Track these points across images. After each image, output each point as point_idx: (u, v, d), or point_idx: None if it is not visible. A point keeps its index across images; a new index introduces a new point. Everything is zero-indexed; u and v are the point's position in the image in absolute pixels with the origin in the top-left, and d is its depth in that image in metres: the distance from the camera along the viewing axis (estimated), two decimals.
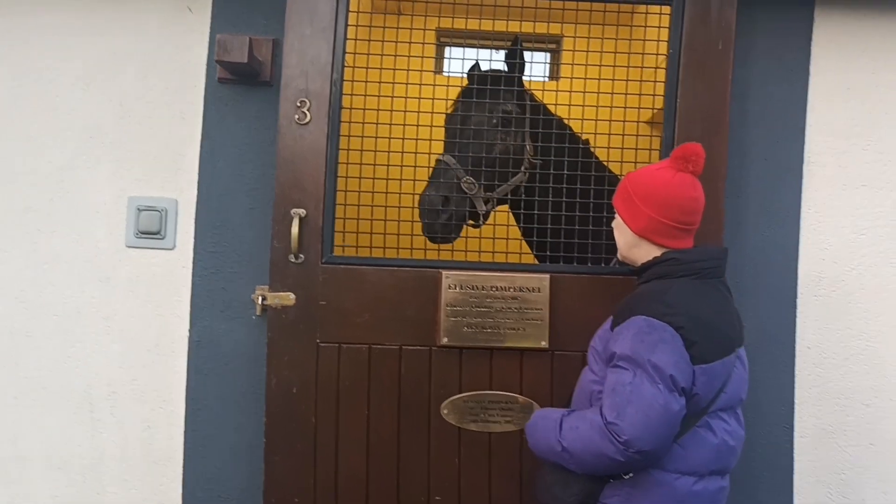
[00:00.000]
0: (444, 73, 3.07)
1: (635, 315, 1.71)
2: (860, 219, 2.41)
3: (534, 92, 2.47)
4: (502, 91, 2.32)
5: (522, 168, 2.35)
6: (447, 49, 3.27)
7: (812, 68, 2.40)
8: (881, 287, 2.41)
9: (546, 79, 3.31)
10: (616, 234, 1.92)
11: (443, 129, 2.41)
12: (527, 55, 2.43)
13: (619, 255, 1.94)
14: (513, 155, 2.34)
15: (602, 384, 1.75)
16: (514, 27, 2.33)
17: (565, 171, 2.28)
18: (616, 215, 1.91)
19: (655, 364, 1.63)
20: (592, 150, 2.38)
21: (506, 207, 2.46)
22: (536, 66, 2.49)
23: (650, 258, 1.83)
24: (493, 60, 2.43)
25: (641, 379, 1.64)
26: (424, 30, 2.30)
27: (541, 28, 2.30)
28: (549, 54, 3.38)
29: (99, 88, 2.38)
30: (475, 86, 2.33)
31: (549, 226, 2.30)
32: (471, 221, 2.35)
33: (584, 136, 2.37)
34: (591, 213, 2.28)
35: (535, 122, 2.35)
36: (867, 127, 2.41)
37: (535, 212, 2.31)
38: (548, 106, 2.43)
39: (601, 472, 1.72)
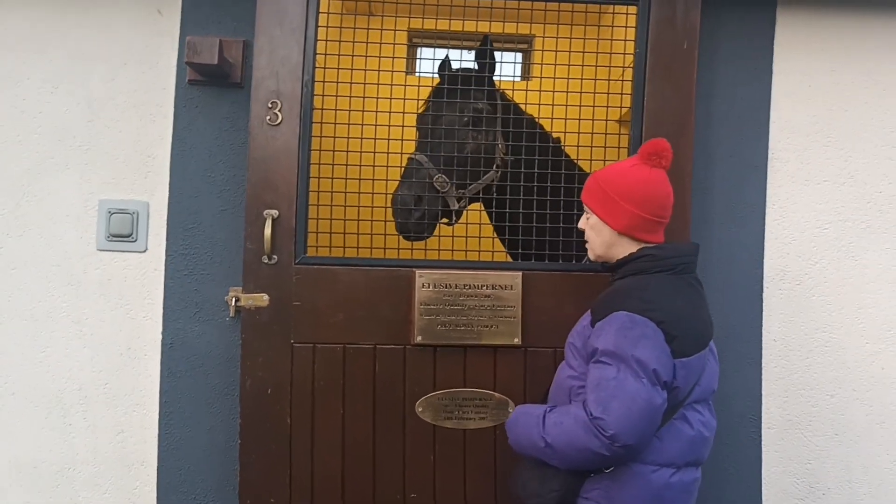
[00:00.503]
0: (416, 74, 3.07)
1: (616, 311, 1.74)
2: (822, 213, 2.47)
3: (505, 91, 2.49)
4: (473, 89, 2.34)
5: (494, 166, 2.37)
6: (419, 50, 3.27)
7: (775, 68, 2.45)
8: (843, 280, 2.47)
9: (518, 78, 3.32)
10: (591, 234, 1.92)
11: (415, 128, 2.42)
12: (498, 55, 2.45)
13: (593, 255, 1.94)
14: (484, 153, 2.36)
15: (581, 380, 1.78)
16: (485, 27, 2.34)
17: (536, 170, 2.31)
18: (590, 216, 1.92)
19: (639, 359, 1.66)
20: (563, 148, 2.41)
21: (478, 206, 2.48)
22: (508, 66, 2.49)
23: (626, 255, 1.87)
24: (465, 60, 2.45)
25: (625, 374, 1.66)
26: (395, 30, 2.32)
27: (512, 28, 2.32)
28: (520, 54, 3.40)
29: (67, 91, 2.36)
30: (446, 85, 2.35)
31: (520, 224, 2.33)
32: (444, 220, 2.37)
33: (555, 135, 2.40)
34: (563, 211, 2.31)
35: (507, 120, 2.37)
36: (828, 124, 2.47)
37: (507, 210, 2.34)
38: (520, 105, 2.45)
39: (584, 467, 1.74)
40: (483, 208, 2.49)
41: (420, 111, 2.43)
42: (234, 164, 2.35)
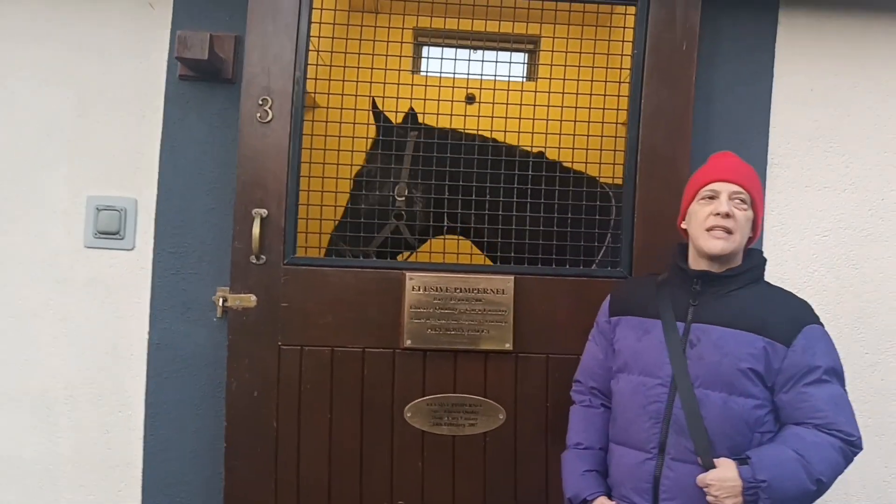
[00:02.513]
0: (422, 73, 3.04)
1: (805, 324, 1.68)
2: (823, 220, 2.42)
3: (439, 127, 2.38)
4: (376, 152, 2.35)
5: (391, 219, 2.34)
6: (425, 49, 3.25)
7: (776, 70, 2.40)
8: (842, 289, 2.42)
9: (524, 79, 3.28)
10: (744, 227, 1.75)
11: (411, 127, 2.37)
12: (505, 55, 2.41)
13: (718, 248, 1.72)
14: (362, 218, 2.32)
15: (767, 407, 1.68)
16: (492, 27, 2.29)
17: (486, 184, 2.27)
18: (748, 209, 1.76)
19: (843, 370, 1.70)
20: (528, 152, 2.35)
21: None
22: (515, 67, 2.45)
23: (742, 260, 1.79)
24: (467, 59, 2.38)
25: (842, 388, 1.67)
26: (389, 28, 2.26)
27: (519, 28, 2.28)
28: (526, 55, 3.37)
29: (56, 85, 2.33)
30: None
31: (479, 226, 2.29)
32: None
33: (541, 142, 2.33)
34: (543, 214, 2.27)
35: (424, 156, 2.31)
36: (829, 129, 2.42)
37: (458, 224, 2.33)
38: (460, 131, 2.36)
39: None
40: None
41: None
42: (225, 161, 2.31)
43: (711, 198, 1.76)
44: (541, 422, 2.22)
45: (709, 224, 1.73)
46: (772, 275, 2.36)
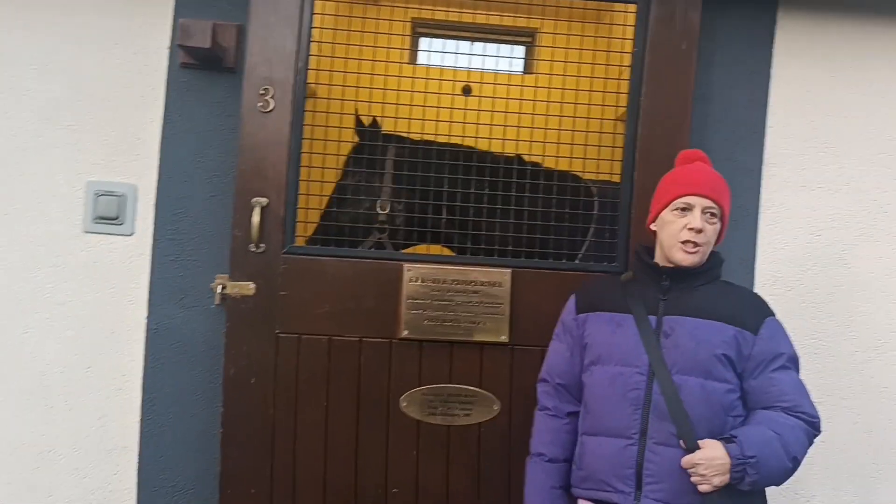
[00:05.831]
0: (421, 65, 3.05)
1: (767, 316, 1.80)
2: (816, 220, 2.45)
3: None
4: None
5: (376, 227, 2.38)
6: (421, 40, 3.25)
7: (773, 72, 2.42)
8: (834, 287, 2.45)
9: (521, 72, 3.29)
10: (712, 239, 1.84)
11: (410, 119, 2.37)
12: (503, 48, 2.43)
13: (699, 259, 1.81)
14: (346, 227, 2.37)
15: (738, 392, 1.76)
16: (491, 19, 2.30)
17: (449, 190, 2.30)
18: (718, 222, 1.84)
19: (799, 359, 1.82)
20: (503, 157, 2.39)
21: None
22: (512, 60, 2.47)
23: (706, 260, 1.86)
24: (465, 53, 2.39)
25: (799, 376, 1.79)
26: (391, 20, 2.28)
27: (518, 21, 2.29)
28: (524, 48, 3.38)
29: (57, 69, 2.33)
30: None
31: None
32: None
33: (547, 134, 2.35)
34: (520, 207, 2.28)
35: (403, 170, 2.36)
36: (825, 130, 2.44)
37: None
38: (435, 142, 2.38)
39: None
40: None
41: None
42: (225, 149, 2.32)
43: (685, 209, 1.82)
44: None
45: (682, 237, 1.80)
46: (765, 273, 2.42)
